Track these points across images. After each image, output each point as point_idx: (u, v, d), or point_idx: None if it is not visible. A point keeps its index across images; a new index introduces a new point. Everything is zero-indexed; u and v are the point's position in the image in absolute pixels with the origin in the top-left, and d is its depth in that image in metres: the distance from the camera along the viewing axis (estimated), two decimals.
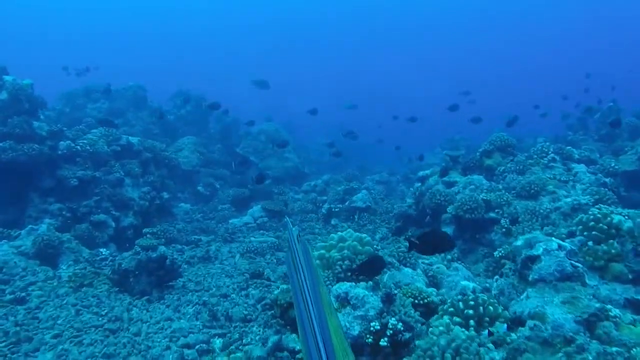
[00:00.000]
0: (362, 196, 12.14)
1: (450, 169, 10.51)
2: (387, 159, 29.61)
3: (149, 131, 16.75)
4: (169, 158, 12.92)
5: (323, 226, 11.95)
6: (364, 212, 11.96)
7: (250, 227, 11.77)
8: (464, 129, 24.44)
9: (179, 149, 16.64)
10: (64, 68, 21.65)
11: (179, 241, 10.16)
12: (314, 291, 1.90)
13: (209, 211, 14.40)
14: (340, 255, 6.41)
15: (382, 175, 18.38)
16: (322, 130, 30.27)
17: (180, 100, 19.64)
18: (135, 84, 17.44)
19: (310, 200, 13.78)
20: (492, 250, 7.93)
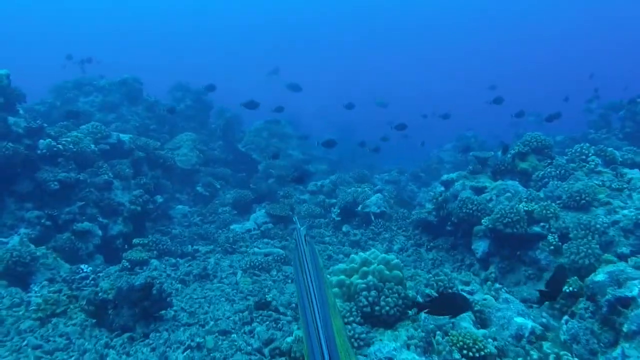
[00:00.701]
0: (375, 200, 10.82)
1: (479, 173, 9.20)
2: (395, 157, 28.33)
3: (145, 127, 15.41)
4: (164, 157, 11.59)
5: (333, 233, 10.64)
6: (379, 217, 10.65)
7: (254, 234, 10.46)
8: (474, 126, 23.14)
9: (177, 147, 15.30)
10: (67, 57, 20.44)
11: (174, 253, 8.85)
12: (319, 293, 1.85)
13: (208, 214, 13.08)
14: (364, 283, 5.11)
15: (392, 174, 17.05)
16: (327, 127, 28.96)
17: (180, 93, 18.30)
18: (130, 76, 16.07)
19: (319, 203, 12.46)
20: (538, 271, 6.63)
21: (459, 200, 8.22)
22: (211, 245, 10.22)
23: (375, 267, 5.30)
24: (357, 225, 10.76)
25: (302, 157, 17.52)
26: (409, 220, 10.63)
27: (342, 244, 9.88)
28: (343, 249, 9.49)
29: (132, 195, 9.97)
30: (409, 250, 9.28)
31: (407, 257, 9.00)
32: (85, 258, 8.43)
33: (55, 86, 15.51)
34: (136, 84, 15.87)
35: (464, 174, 9.25)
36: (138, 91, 15.90)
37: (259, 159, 16.72)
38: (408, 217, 10.82)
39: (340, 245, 9.75)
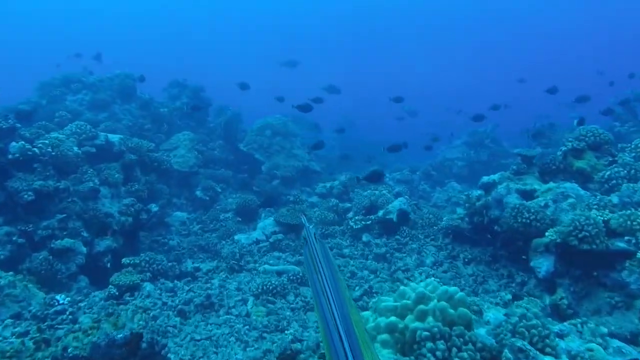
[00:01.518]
0: (398, 205, 9.36)
1: (524, 173, 7.75)
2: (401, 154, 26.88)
3: (139, 126, 13.89)
4: (159, 160, 10.09)
5: (352, 243, 9.17)
6: (402, 224, 9.20)
7: (262, 246, 8.97)
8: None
9: (173, 147, 13.79)
10: (76, 55, 19.01)
11: (170, 274, 7.36)
12: (335, 288, 1.74)
13: (209, 221, 11.61)
14: (426, 329, 3.66)
15: (404, 173, 15.60)
16: (330, 124, 27.45)
17: (176, 90, 16.77)
18: (122, 72, 14.53)
19: (331, 208, 10.98)
20: (628, 299, 5.19)
21: (511, 208, 6.74)
22: (214, 260, 8.76)
23: (435, 305, 3.87)
24: (378, 233, 9.29)
25: (307, 157, 16.03)
26: (436, 227, 9.20)
27: (364, 257, 8.41)
28: (367, 263, 8.03)
29: (122, 205, 8.48)
30: (443, 264, 7.82)
31: (443, 273, 7.54)
32: (66, 282, 6.94)
33: (42, 83, 13.94)
34: (129, 81, 14.33)
35: (507, 174, 7.79)
36: (131, 88, 14.37)
37: (261, 159, 15.22)
38: (435, 223, 9.38)
39: (363, 259, 8.28)
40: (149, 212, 8.95)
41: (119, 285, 6.46)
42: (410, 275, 7.48)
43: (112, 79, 14.33)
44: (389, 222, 9.23)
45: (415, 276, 7.40)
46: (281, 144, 15.65)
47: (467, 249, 8.38)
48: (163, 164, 10.10)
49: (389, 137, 30.33)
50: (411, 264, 7.87)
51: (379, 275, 7.50)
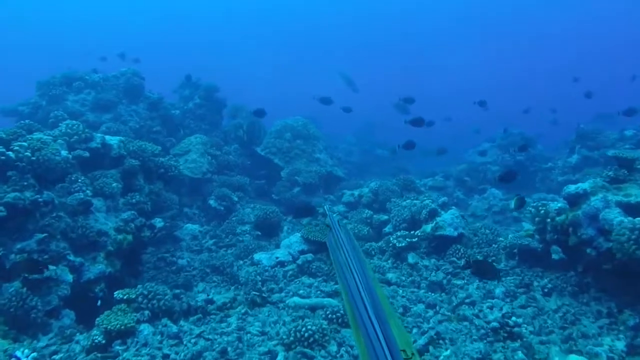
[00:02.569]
0: (450, 219, 7.60)
1: (623, 181, 5.96)
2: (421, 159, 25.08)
3: (147, 128, 12.29)
4: (166, 166, 8.41)
5: (395, 264, 7.43)
6: (456, 242, 7.44)
7: (289, 270, 7.25)
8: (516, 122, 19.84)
9: (184, 151, 12.16)
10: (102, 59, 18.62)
11: (176, 309, 5.67)
12: (360, 266, 1.84)
13: (224, 235, 9.96)
14: None
15: (437, 180, 13.84)
16: (350, 126, 25.78)
17: (188, 91, 15.16)
18: (129, 69, 12.95)
19: (364, 221, 9.26)
20: None
21: (629, 229, 4.93)
22: (230, 285, 7.08)
23: None
24: (426, 252, 7.54)
25: (330, 162, 14.32)
26: (496, 246, 7.42)
27: (415, 284, 6.65)
28: (420, 294, 6.27)
29: (120, 220, 6.82)
30: (518, 296, 6.05)
31: (521, 308, 5.77)
32: (43, 321, 5.29)
33: (41, 83, 12.37)
34: (136, 79, 12.73)
35: (601, 183, 5.99)
36: (138, 87, 12.77)
37: (281, 164, 13.54)
38: (494, 240, 7.60)
39: (415, 288, 6.52)
40: (152, 229, 7.29)
41: (107, 331, 4.78)
42: (479, 310, 5.72)
43: (118, 78, 12.74)
44: (440, 240, 7.48)
45: (485, 312, 5.65)
46: (302, 148, 13.98)
47: (539, 273, 6.62)
48: (171, 170, 8.41)
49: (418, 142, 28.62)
50: (476, 294, 6.11)
51: (439, 312, 5.74)
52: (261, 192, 13.21)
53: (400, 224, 8.49)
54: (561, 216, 6.19)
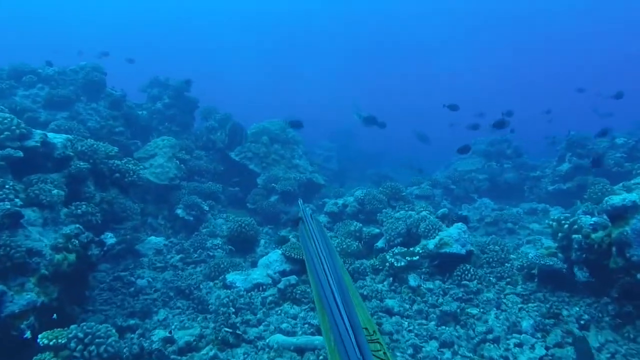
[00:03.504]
0: (457, 234, 6.39)
1: None
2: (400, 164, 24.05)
3: (108, 129, 10.78)
4: (123, 170, 6.99)
5: (393, 287, 6.18)
6: (464, 261, 6.24)
7: (269, 296, 5.90)
8: None
9: (150, 155, 10.72)
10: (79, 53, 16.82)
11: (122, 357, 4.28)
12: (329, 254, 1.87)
13: (192, 249, 8.59)
14: None
15: (423, 188, 12.67)
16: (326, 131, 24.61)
17: (157, 90, 13.67)
18: (88, 63, 11.41)
19: (353, 234, 7.99)
20: None
21: None
22: (197, 316, 5.71)
23: None
24: (429, 272, 6.31)
25: (310, 168, 13.06)
26: (509, 265, 6.26)
27: (422, 314, 5.40)
28: (431, 327, 5.03)
29: (60, 235, 5.39)
30: (549, 329, 4.87)
31: (557, 347, 4.59)
32: None
33: None
34: (96, 74, 11.19)
35: None
36: (99, 83, 11.23)
37: (257, 171, 12.21)
38: (506, 258, 6.44)
39: (422, 319, 5.27)
40: (102, 245, 5.85)
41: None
42: (505, 349, 4.52)
43: (77, 72, 11.18)
44: (446, 259, 6.26)
45: (514, 352, 4.45)
46: (280, 153, 12.69)
47: (564, 298, 5.46)
48: (128, 174, 6.97)
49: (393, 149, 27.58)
50: (498, 327, 4.91)
51: (457, 352, 4.51)
52: (235, 200, 11.85)
53: (395, 239, 7.26)
54: (598, 233, 5.06)
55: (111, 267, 7.93)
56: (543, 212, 12.11)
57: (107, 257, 7.96)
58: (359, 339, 1.37)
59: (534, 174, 14.09)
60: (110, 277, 7.39)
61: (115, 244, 6.56)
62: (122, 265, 8.06)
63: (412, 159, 25.95)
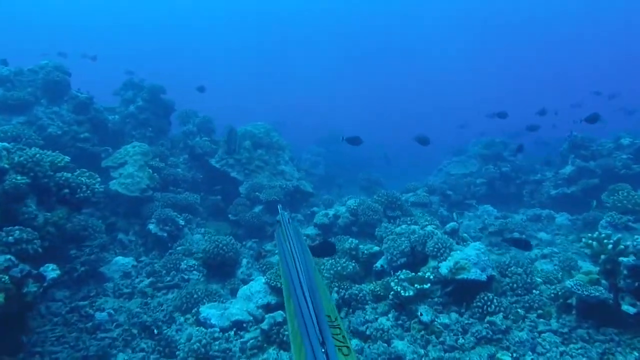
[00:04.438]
0: (475, 255, 5.28)
1: None
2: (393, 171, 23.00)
3: (72, 135, 9.53)
4: (73, 185, 5.76)
5: (399, 320, 5.05)
6: (484, 289, 5.14)
7: (249, 340, 4.73)
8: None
9: (119, 163, 9.50)
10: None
11: None
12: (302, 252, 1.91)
13: (165, 271, 7.41)
14: None
15: (419, 195, 11.54)
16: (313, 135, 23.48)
17: (131, 93, 12.40)
18: (50, 62, 10.11)
19: (347, 252, 6.85)
20: None
21: None
22: None
23: None
24: (442, 302, 5.20)
25: (297, 174, 11.90)
26: (537, 292, 5.18)
27: None
28: None
29: None
30: None
31: None
32: None
33: None
34: (58, 74, 9.90)
35: None
36: (62, 84, 9.95)
37: (239, 178, 11.02)
38: (532, 284, 5.35)
39: None
40: (41, 280, 4.63)
41: None
42: None
43: (36, 72, 9.89)
44: (462, 285, 5.16)
45: None
46: (264, 159, 11.53)
47: (612, 336, 4.40)
48: (80, 190, 5.75)
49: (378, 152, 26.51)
50: None
51: None
52: (216, 210, 10.66)
53: (398, 259, 6.14)
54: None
55: (70, 294, 6.74)
56: (548, 218, 11.12)
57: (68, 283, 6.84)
58: (321, 324, 1.42)
59: (534, 178, 13.10)
60: (66, 309, 6.21)
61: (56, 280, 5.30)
62: (82, 292, 6.88)
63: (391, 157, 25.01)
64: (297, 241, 2.08)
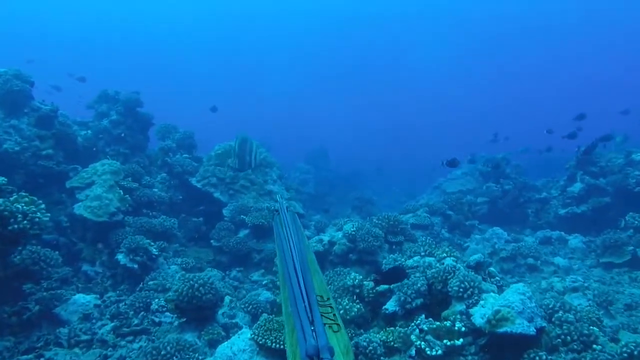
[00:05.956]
0: (519, 302, 4.06)
1: None
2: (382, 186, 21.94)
3: (33, 152, 8.23)
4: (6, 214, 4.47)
5: None
6: (531, 344, 3.95)
7: None
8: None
9: (86, 184, 8.22)
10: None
11: None
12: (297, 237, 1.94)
13: (133, 311, 6.15)
14: None
15: (420, 215, 10.38)
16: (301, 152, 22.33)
17: (106, 106, 11.12)
18: (9, 69, 8.80)
19: (349, 291, 5.60)
20: None
21: None
22: None
23: None
24: None
25: (287, 194, 10.69)
26: (599, 348, 4.01)
27: None
28: None
29: None
30: None
31: None
32: None
33: None
34: (18, 83, 8.61)
35: None
36: (22, 95, 8.66)
37: (223, 200, 9.78)
38: (589, 336, 4.17)
39: None
40: None
41: None
42: None
43: None
44: (503, 341, 3.96)
45: None
46: (250, 178, 10.30)
47: None
48: (14, 221, 4.47)
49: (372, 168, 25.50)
50: None
51: None
52: (197, 234, 9.40)
53: (413, 300, 4.93)
54: None
55: (14, 343, 5.46)
56: (559, 241, 10.05)
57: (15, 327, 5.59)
58: (312, 304, 1.38)
59: (539, 196, 12.06)
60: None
61: None
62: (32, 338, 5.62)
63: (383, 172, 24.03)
64: (293, 227, 2.03)
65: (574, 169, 11.42)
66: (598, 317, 4.98)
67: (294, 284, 1.55)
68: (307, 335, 1.24)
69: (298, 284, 1.55)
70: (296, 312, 1.41)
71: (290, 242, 1.90)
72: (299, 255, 1.77)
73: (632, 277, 7.83)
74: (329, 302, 1.67)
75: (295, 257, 1.72)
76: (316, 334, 1.24)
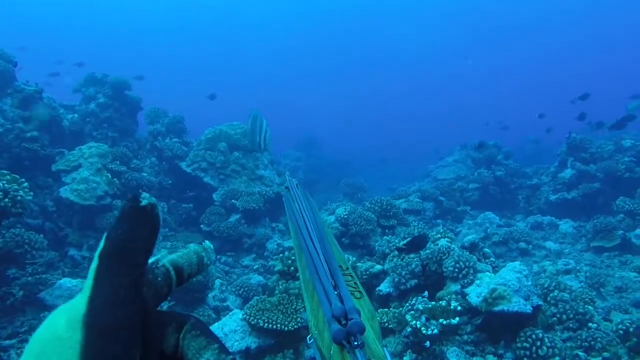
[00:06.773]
0: (515, 280, 3.93)
1: None
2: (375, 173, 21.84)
3: (16, 135, 7.98)
4: None
5: None
6: (528, 322, 3.87)
7: None
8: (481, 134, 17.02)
9: (73, 167, 8.01)
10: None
11: None
12: (311, 210, 1.74)
13: None
14: None
15: (412, 201, 10.30)
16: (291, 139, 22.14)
17: (93, 89, 10.84)
18: None
19: None
20: None
21: None
22: None
23: None
24: (474, 341, 3.92)
25: (278, 180, 10.54)
26: (595, 326, 3.94)
27: None
28: None
29: None
30: None
31: None
32: None
33: None
34: (1, 63, 8.34)
35: None
36: (6, 75, 8.39)
37: (213, 184, 9.61)
38: (584, 314, 4.10)
39: None
40: None
41: None
42: None
43: None
44: (500, 319, 3.88)
45: None
46: (241, 162, 10.13)
47: None
48: None
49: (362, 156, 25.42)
50: None
51: None
52: (188, 219, 9.26)
53: (407, 281, 4.84)
54: None
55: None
56: (550, 226, 10.03)
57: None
58: (333, 270, 1.24)
59: (531, 182, 12.04)
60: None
61: None
62: (15, 325, 5.45)
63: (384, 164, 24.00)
64: (306, 203, 1.88)
65: (565, 154, 11.39)
66: (591, 298, 4.93)
67: (311, 251, 1.46)
68: (331, 298, 1.17)
69: (316, 252, 1.45)
70: (317, 278, 1.33)
71: (304, 214, 1.78)
72: (315, 226, 1.65)
73: (622, 260, 7.83)
74: (348, 272, 1.54)
75: (311, 227, 1.62)
76: (342, 297, 1.17)
